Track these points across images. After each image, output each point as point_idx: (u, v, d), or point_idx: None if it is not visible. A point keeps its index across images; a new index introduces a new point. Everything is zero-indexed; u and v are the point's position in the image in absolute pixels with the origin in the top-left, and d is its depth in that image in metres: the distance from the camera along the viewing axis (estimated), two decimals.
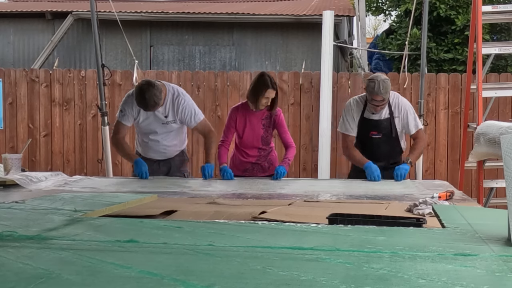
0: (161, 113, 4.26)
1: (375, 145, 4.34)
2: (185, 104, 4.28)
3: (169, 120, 4.30)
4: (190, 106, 4.31)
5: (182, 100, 4.28)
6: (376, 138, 4.33)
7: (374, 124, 4.32)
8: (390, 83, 4.20)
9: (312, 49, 10.29)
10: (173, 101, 4.26)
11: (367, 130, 4.34)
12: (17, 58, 11.27)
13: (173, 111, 4.27)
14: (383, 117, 4.30)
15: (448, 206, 2.63)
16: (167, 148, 4.43)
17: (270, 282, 1.30)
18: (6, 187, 3.59)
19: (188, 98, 4.35)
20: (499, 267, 1.44)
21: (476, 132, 4.73)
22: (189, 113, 4.29)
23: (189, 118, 4.30)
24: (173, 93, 4.28)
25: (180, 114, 4.27)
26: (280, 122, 4.42)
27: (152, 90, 4.06)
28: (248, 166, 4.47)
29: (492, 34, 9.47)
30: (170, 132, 4.37)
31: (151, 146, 4.43)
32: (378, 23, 27.66)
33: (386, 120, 4.30)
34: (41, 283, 1.28)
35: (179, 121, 4.31)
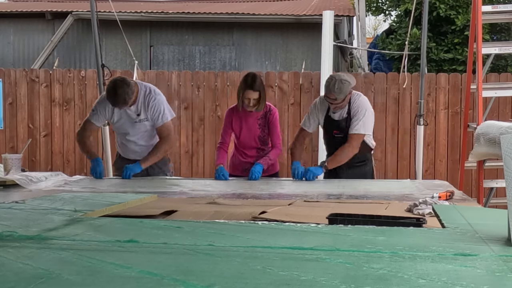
0: (133, 111, 4.28)
1: (338, 144, 4.34)
2: (155, 101, 4.27)
3: (141, 118, 4.29)
4: (160, 105, 4.28)
5: (153, 97, 4.27)
6: (338, 137, 4.35)
7: (335, 124, 4.36)
8: (349, 85, 4.16)
9: (312, 49, 10.29)
10: (144, 99, 4.26)
11: (331, 129, 4.39)
12: (17, 58, 11.27)
13: (144, 109, 4.27)
14: (342, 117, 4.33)
15: (448, 206, 2.63)
16: (143, 148, 4.41)
17: (270, 282, 1.29)
18: (6, 187, 3.59)
19: (160, 97, 4.33)
20: (499, 267, 1.44)
21: (476, 132, 4.73)
22: (157, 111, 4.27)
23: (157, 116, 4.27)
24: (145, 91, 4.29)
25: (150, 111, 4.26)
26: (273, 121, 4.41)
27: (125, 88, 4.07)
28: (247, 166, 4.47)
29: (492, 34, 9.47)
30: (145, 132, 4.37)
31: (129, 146, 4.45)
32: (378, 23, 27.70)
33: (344, 120, 4.32)
34: (41, 283, 1.28)
35: (150, 119, 4.30)
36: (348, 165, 4.30)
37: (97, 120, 4.40)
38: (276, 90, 7.58)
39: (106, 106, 4.29)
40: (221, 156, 4.40)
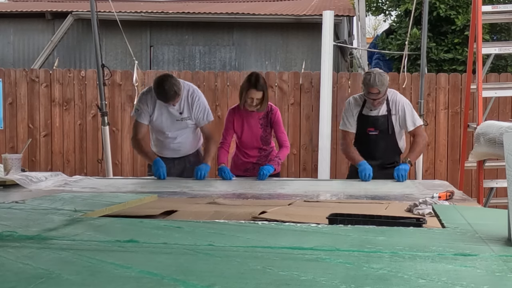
0: (176, 109, 4.26)
1: (372, 142, 4.33)
2: (200, 101, 4.30)
3: (184, 116, 4.29)
4: (204, 104, 4.32)
5: (197, 97, 4.29)
6: (373, 135, 4.33)
7: (371, 121, 4.32)
8: (387, 77, 4.21)
9: (312, 49, 10.29)
10: (188, 98, 4.27)
11: (364, 127, 4.35)
12: (17, 58, 11.27)
13: (188, 107, 4.27)
14: (380, 113, 4.30)
15: (448, 206, 2.63)
16: (181, 145, 4.41)
17: (270, 282, 1.29)
18: (6, 187, 3.59)
19: (202, 96, 4.37)
20: (499, 267, 1.44)
21: (476, 132, 4.73)
22: (202, 111, 4.30)
23: (201, 116, 4.29)
24: (188, 89, 4.30)
25: (195, 110, 4.27)
26: (276, 120, 4.39)
27: (171, 81, 4.09)
28: (249, 166, 4.47)
29: (492, 34, 9.47)
30: (185, 131, 4.36)
31: (166, 144, 4.41)
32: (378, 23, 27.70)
33: (384, 117, 4.30)
34: (41, 283, 1.28)
35: (194, 118, 4.31)
36: (379, 166, 4.27)
37: (144, 118, 4.32)
38: (276, 90, 7.58)
39: (148, 102, 4.27)
40: (223, 156, 4.39)
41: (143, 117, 4.32)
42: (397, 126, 4.33)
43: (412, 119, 4.31)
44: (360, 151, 4.32)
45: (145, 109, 4.30)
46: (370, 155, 4.29)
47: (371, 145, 4.34)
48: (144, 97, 4.32)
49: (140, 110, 4.32)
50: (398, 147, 4.41)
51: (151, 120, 4.34)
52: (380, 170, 4.28)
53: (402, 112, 4.29)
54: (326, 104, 7.35)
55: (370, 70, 4.29)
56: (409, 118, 4.29)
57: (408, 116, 4.29)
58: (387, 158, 4.38)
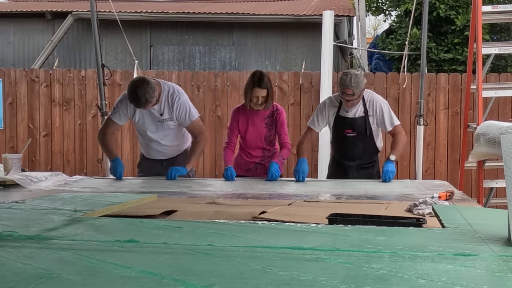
0: (156, 111, 4.22)
1: (350, 144, 4.33)
2: (180, 101, 4.23)
3: (164, 118, 4.25)
4: (185, 104, 4.25)
5: (177, 97, 4.23)
6: (351, 137, 4.32)
7: (348, 122, 4.31)
8: (364, 80, 4.19)
9: (312, 49, 10.29)
10: (168, 99, 4.21)
11: (342, 128, 4.34)
12: (17, 58, 11.27)
13: (168, 109, 4.22)
14: (357, 115, 4.29)
15: (448, 206, 2.63)
16: (167, 147, 4.39)
17: (270, 282, 1.30)
18: (6, 187, 3.59)
19: (184, 96, 4.30)
20: (499, 267, 1.44)
21: (476, 132, 4.73)
22: (183, 111, 4.23)
23: (183, 116, 4.24)
24: (169, 90, 4.23)
25: (175, 112, 4.22)
26: (281, 121, 4.38)
27: (145, 87, 4.00)
28: (251, 166, 4.46)
29: (492, 34, 9.47)
30: (168, 132, 4.33)
31: (152, 146, 4.40)
32: (378, 23, 27.70)
33: (361, 118, 4.29)
34: (41, 283, 1.28)
35: (175, 119, 4.27)
36: (357, 167, 4.29)
37: (119, 118, 4.30)
38: (276, 90, 7.57)
39: (127, 104, 4.21)
40: (229, 156, 4.35)
41: (117, 117, 4.30)
42: (375, 126, 4.31)
43: (390, 120, 4.28)
44: (338, 152, 4.39)
45: (122, 111, 4.27)
46: (349, 156, 4.33)
47: (349, 146, 4.34)
48: (125, 99, 4.25)
49: (117, 109, 4.29)
50: (375, 147, 4.41)
51: (134, 122, 4.33)
52: (359, 170, 4.32)
53: (380, 113, 4.27)
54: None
55: (347, 71, 4.28)
56: (387, 119, 4.27)
57: (386, 117, 4.27)
58: (365, 158, 4.38)
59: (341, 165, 4.45)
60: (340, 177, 4.28)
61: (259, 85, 4.21)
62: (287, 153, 4.39)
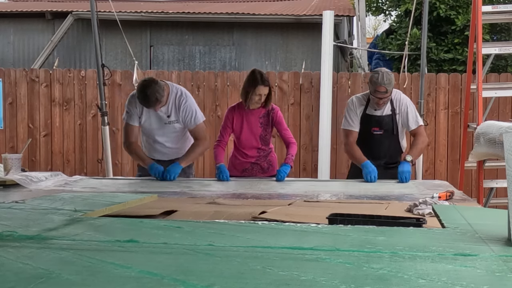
0: (163, 112, 4.24)
1: (376, 142, 4.33)
2: (187, 103, 4.26)
3: (171, 120, 4.27)
4: (191, 106, 4.29)
5: (184, 100, 4.26)
6: (377, 135, 4.32)
7: (376, 120, 4.31)
8: (393, 76, 4.22)
9: (312, 49, 10.29)
10: (175, 101, 4.24)
11: (368, 126, 4.33)
12: (17, 58, 11.27)
13: (175, 111, 4.25)
14: (385, 113, 4.30)
15: (448, 206, 2.63)
16: (171, 149, 4.40)
17: (270, 282, 1.29)
18: (6, 187, 3.59)
19: (190, 98, 4.34)
20: (499, 267, 1.44)
21: (476, 132, 4.72)
22: (190, 113, 4.26)
23: (189, 119, 4.27)
24: (176, 92, 4.27)
25: (182, 113, 4.25)
26: (278, 119, 4.38)
27: (154, 87, 4.05)
28: (247, 166, 4.45)
29: (492, 34, 9.47)
30: (173, 134, 4.34)
31: (155, 147, 4.41)
32: (378, 23, 27.71)
33: (388, 117, 4.30)
34: (41, 283, 1.28)
35: (181, 121, 4.29)
36: (382, 166, 4.25)
37: (135, 120, 4.29)
38: (276, 90, 7.57)
39: (136, 104, 4.23)
40: (220, 154, 4.35)
41: (133, 119, 4.30)
42: (400, 126, 4.33)
43: (415, 119, 4.32)
44: (364, 151, 4.28)
45: (134, 111, 4.28)
46: (375, 154, 4.28)
47: (375, 145, 4.34)
48: (133, 100, 4.27)
49: (130, 112, 4.30)
50: (400, 147, 4.42)
51: (141, 122, 4.33)
52: (384, 170, 4.27)
53: (404, 112, 4.29)
54: (326, 104, 7.35)
55: (377, 69, 4.28)
56: (412, 118, 4.30)
57: (410, 116, 4.29)
58: (390, 157, 4.38)
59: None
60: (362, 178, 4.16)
61: (262, 83, 4.23)
62: (294, 149, 4.36)
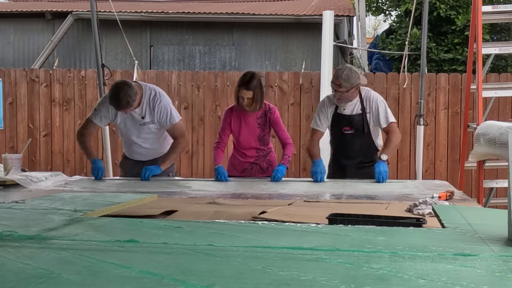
0: (137, 114, 4.22)
1: (348, 141, 4.31)
2: (161, 104, 4.22)
3: (146, 121, 4.24)
4: (166, 107, 4.24)
5: (158, 100, 4.22)
6: (348, 134, 4.31)
7: (346, 119, 4.30)
8: (358, 77, 4.16)
9: (312, 49, 10.29)
10: (149, 102, 4.21)
11: (339, 126, 4.33)
12: (17, 58, 11.27)
13: (150, 112, 4.22)
14: (355, 112, 4.28)
15: (448, 206, 2.63)
16: (148, 150, 4.38)
17: (270, 282, 1.29)
18: (6, 187, 3.59)
19: (165, 98, 4.29)
20: (499, 267, 1.44)
21: (476, 132, 4.73)
22: (164, 114, 4.22)
23: (164, 119, 4.23)
24: (150, 93, 4.23)
25: (157, 114, 4.22)
26: (275, 120, 4.37)
27: (127, 90, 4.00)
28: (246, 166, 4.45)
29: (492, 34, 9.47)
30: (149, 135, 4.32)
31: (133, 148, 4.41)
32: (378, 23, 27.70)
33: (358, 116, 4.27)
34: (41, 283, 1.28)
35: (156, 122, 4.25)
36: (356, 166, 4.28)
37: (100, 120, 4.32)
38: (276, 90, 7.58)
39: (109, 107, 4.21)
40: (219, 156, 4.34)
41: (98, 119, 4.30)
42: (372, 124, 4.30)
43: (385, 116, 4.26)
44: (337, 151, 4.37)
45: (103, 113, 4.27)
46: (347, 154, 4.30)
47: (347, 144, 4.32)
48: (106, 101, 4.23)
49: (98, 111, 4.29)
50: (375, 145, 4.38)
51: (117, 124, 4.33)
52: (359, 169, 4.30)
53: (375, 110, 4.26)
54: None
55: (345, 65, 4.30)
56: (382, 116, 4.25)
57: (381, 114, 4.25)
58: (364, 156, 4.34)
59: (341, 165, 4.44)
60: (340, 177, 4.27)
61: (246, 87, 4.21)
62: (291, 149, 4.37)
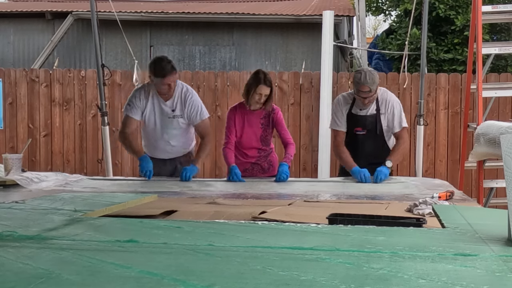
0: (168, 106, 4.25)
1: (359, 142, 4.27)
2: (193, 99, 4.28)
3: (176, 114, 4.26)
4: (197, 102, 4.31)
5: (190, 95, 4.29)
6: (360, 135, 4.27)
7: (359, 120, 4.26)
8: (377, 75, 4.14)
9: (312, 49, 10.29)
10: (181, 95, 4.26)
11: (352, 126, 4.29)
12: (17, 58, 11.27)
13: (181, 105, 4.26)
14: (369, 113, 4.24)
15: (448, 206, 2.63)
16: (172, 148, 4.38)
17: (270, 282, 1.30)
18: (6, 187, 3.59)
19: (196, 95, 4.37)
20: (499, 267, 1.44)
21: (476, 132, 4.72)
22: (195, 109, 4.28)
23: (195, 114, 4.27)
24: (182, 88, 4.29)
25: (187, 109, 4.25)
26: (278, 120, 4.38)
27: (168, 58, 4.19)
28: (247, 166, 4.44)
29: (492, 34, 9.47)
30: (177, 130, 4.33)
31: (157, 144, 4.38)
32: (378, 23, 27.71)
33: (372, 116, 4.23)
34: (41, 283, 1.28)
35: (186, 117, 4.28)
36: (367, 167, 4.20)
37: (135, 113, 4.27)
38: (276, 90, 7.57)
39: (141, 97, 4.25)
40: (230, 156, 4.30)
41: (134, 112, 4.28)
42: (385, 125, 4.26)
43: (400, 121, 4.23)
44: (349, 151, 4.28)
45: (137, 104, 4.27)
46: (357, 155, 4.24)
47: (358, 145, 4.28)
48: (137, 93, 4.29)
49: (132, 105, 4.29)
50: (387, 146, 4.34)
51: (144, 117, 4.30)
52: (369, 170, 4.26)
53: (391, 112, 4.22)
54: (326, 104, 7.35)
55: (360, 68, 4.26)
56: (397, 119, 4.22)
57: (396, 117, 4.22)
58: (375, 157, 4.27)
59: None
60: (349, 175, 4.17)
61: (264, 83, 4.23)
62: (293, 149, 4.35)
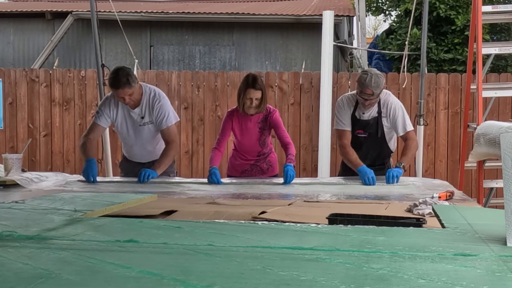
0: (137, 114, 4.23)
1: (360, 144, 4.24)
2: (160, 104, 4.23)
3: (145, 121, 4.25)
4: (165, 107, 4.25)
5: (158, 100, 4.23)
6: (361, 137, 4.24)
7: (360, 123, 4.22)
8: (383, 80, 4.08)
9: (312, 49, 10.29)
10: (149, 101, 4.22)
11: (353, 128, 4.25)
12: (17, 58, 11.27)
13: (149, 112, 4.23)
14: (371, 116, 4.20)
15: (448, 206, 2.63)
16: (149, 152, 4.38)
17: (270, 282, 1.30)
18: (6, 187, 3.59)
19: (165, 100, 4.30)
20: (499, 267, 1.44)
21: (476, 132, 4.72)
22: (162, 114, 4.22)
23: (160, 120, 4.22)
24: (150, 93, 4.25)
25: (155, 113, 4.22)
26: (275, 122, 4.29)
27: (126, 70, 4.11)
28: (246, 167, 4.43)
29: (492, 34, 9.47)
30: (149, 135, 4.31)
31: (134, 149, 4.41)
32: (378, 23, 27.72)
33: (373, 119, 4.20)
34: (41, 283, 1.28)
35: (155, 122, 4.26)
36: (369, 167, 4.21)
37: (103, 121, 4.28)
38: (276, 90, 7.58)
39: (110, 106, 4.23)
40: (216, 158, 4.22)
41: (102, 120, 4.27)
42: (387, 128, 4.22)
43: (403, 124, 4.17)
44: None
45: (106, 112, 4.26)
46: (359, 156, 4.19)
47: (359, 147, 4.23)
48: (107, 101, 4.27)
49: (100, 112, 4.28)
50: (388, 149, 4.32)
51: (117, 126, 4.32)
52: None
53: (393, 116, 4.17)
54: (326, 104, 7.35)
55: (367, 70, 4.17)
56: (400, 123, 4.16)
57: (399, 121, 4.16)
58: (375, 160, 4.28)
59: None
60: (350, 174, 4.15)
61: (253, 86, 4.13)
62: (293, 149, 4.29)
